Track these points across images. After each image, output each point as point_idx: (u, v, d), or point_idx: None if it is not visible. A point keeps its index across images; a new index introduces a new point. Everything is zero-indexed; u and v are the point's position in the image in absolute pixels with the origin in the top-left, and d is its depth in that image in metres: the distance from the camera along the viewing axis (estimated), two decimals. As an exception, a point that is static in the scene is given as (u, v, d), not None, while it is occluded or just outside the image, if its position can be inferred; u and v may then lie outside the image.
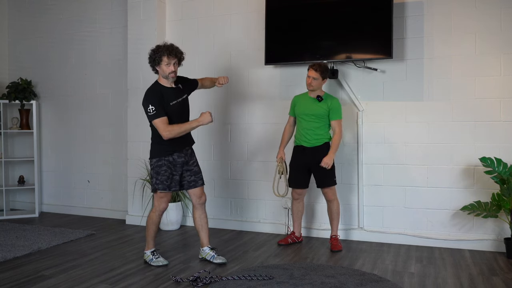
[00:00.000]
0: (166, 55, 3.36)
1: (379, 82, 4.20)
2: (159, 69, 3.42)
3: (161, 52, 3.37)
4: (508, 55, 3.84)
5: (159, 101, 3.33)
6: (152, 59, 3.42)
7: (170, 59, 3.37)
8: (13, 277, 3.21)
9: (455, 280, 3.15)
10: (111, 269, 3.41)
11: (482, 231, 3.91)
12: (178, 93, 3.48)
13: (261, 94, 4.60)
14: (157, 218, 3.51)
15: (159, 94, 3.37)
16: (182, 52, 3.48)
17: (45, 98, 5.77)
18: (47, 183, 5.80)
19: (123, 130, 5.23)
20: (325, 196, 3.94)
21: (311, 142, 3.88)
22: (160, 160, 3.43)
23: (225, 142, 4.80)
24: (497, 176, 3.72)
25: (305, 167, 3.95)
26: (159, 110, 3.31)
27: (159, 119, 3.31)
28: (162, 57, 3.36)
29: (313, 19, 4.21)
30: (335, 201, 3.92)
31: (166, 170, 3.42)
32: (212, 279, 3.08)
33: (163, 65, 3.38)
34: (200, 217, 3.61)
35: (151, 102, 3.33)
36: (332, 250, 3.82)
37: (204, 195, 3.63)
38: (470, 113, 3.94)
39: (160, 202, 3.46)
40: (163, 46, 3.41)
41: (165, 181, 3.42)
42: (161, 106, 3.33)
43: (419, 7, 4.06)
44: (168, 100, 3.39)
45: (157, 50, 3.39)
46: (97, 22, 5.43)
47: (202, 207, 3.62)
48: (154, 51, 3.42)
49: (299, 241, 4.15)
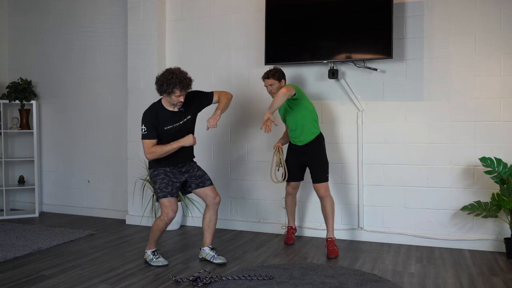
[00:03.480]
0: (179, 89, 3.27)
1: (379, 82, 4.20)
2: (167, 96, 3.35)
3: (175, 84, 3.25)
4: (508, 55, 3.84)
5: (152, 124, 3.35)
6: (163, 88, 3.29)
7: (183, 92, 3.31)
8: (13, 277, 3.21)
9: (455, 280, 3.15)
10: (111, 269, 3.41)
11: (482, 231, 3.91)
12: (177, 117, 3.43)
13: (261, 94, 4.60)
14: (164, 226, 3.47)
15: (155, 117, 3.36)
16: (191, 80, 3.37)
17: (45, 98, 5.77)
18: (47, 183, 5.80)
19: (123, 130, 5.23)
20: (318, 193, 3.85)
21: (301, 141, 3.89)
22: (156, 170, 3.46)
23: (225, 142, 4.80)
24: (497, 176, 3.72)
25: (299, 163, 3.97)
26: (150, 132, 3.34)
27: (147, 141, 3.35)
28: (175, 90, 3.26)
29: (313, 19, 4.21)
30: (328, 197, 3.83)
31: (164, 178, 3.43)
32: (212, 279, 3.08)
33: (173, 96, 3.31)
34: (210, 219, 3.59)
35: (144, 123, 3.36)
36: (328, 257, 3.68)
37: (219, 196, 3.60)
38: (470, 113, 3.94)
39: (167, 210, 3.41)
40: (176, 77, 3.26)
41: (164, 189, 3.42)
42: (153, 128, 3.35)
43: (419, 7, 4.07)
44: (164, 124, 3.38)
45: (170, 82, 3.24)
46: (97, 22, 5.43)
47: (215, 208, 3.59)
48: (166, 82, 3.25)
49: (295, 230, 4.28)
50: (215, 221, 3.62)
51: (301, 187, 4.34)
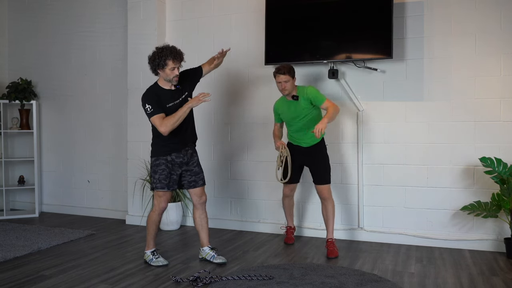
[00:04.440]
0: (172, 59, 3.28)
1: (379, 82, 4.20)
2: (161, 72, 3.36)
3: (166, 55, 3.27)
4: (508, 55, 3.84)
5: (155, 101, 3.35)
6: (156, 62, 3.31)
7: (176, 63, 3.32)
8: (13, 277, 3.21)
9: (455, 280, 3.15)
10: (111, 269, 3.41)
11: (482, 231, 3.91)
12: (176, 95, 3.45)
13: (261, 94, 4.60)
14: (157, 217, 3.51)
15: (155, 95, 3.38)
16: (183, 53, 3.43)
17: (45, 98, 5.77)
18: (47, 183, 5.80)
19: (123, 130, 5.23)
20: (321, 194, 3.85)
21: (307, 142, 3.86)
22: (158, 159, 3.45)
23: (225, 142, 4.80)
24: (497, 176, 3.72)
25: (299, 164, 3.94)
26: (155, 108, 3.33)
27: (156, 116, 3.32)
28: (167, 61, 3.28)
29: (313, 19, 4.21)
30: (330, 199, 3.84)
31: (164, 169, 3.43)
32: (212, 279, 3.08)
33: (167, 69, 3.31)
34: (200, 217, 3.62)
35: (147, 102, 3.34)
36: (328, 257, 3.69)
37: (205, 195, 3.63)
38: (470, 113, 3.94)
39: (159, 201, 3.46)
40: (166, 49, 3.31)
41: (163, 180, 3.42)
42: (158, 104, 3.34)
43: (419, 7, 4.07)
44: (165, 102, 3.39)
45: (161, 54, 3.28)
46: (97, 22, 5.43)
47: (202, 206, 3.62)
48: (157, 54, 3.29)
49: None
50: (206, 219, 3.63)
51: (301, 187, 4.35)
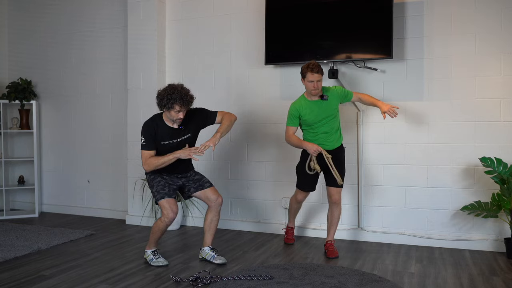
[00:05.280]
0: (179, 105, 3.26)
1: (379, 82, 4.20)
2: (166, 111, 3.35)
3: (175, 100, 3.24)
4: (508, 55, 3.84)
5: (150, 136, 3.37)
6: (163, 102, 3.28)
7: (182, 109, 3.30)
8: (13, 277, 3.21)
9: (455, 280, 3.15)
10: (111, 269, 3.41)
11: (482, 231, 3.91)
12: (176, 134, 3.43)
13: (261, 94, 4.60)
14: (164, 227, 3.46)
15: (153, 130, 3.39)
16: (193, 98, 3.36)
17: (45, 98, 5.77)
18: (47, 183, 5.80)
19: (123, 130, 5.23)
20: (332, 198, 3.76)
21: (332, 144, 3.76)
22: (152, 174, 3.49)
23: (225, 142, 4.80)
24: (497, 176, 3.71)
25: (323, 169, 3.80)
26: (148, 143, 3.37)
27: (145, 152, 3.38)
28: (175, 105, 3.26)
29: (313, 19, 4.21)
30: (339, 205, 3.80)
31: (160, 181, 3.45)
32: (212, 279, 3.08)
33: (172, 112, 3.30)
34: (212, 219, 3.57)
35: (143, 134, 3.40)
36: (328, 257, 3.69)
37: (221, 197, 3.58)
38: (470, 113, 3.94)
39: (167, 212, 3.40)
40: (177, 93, 3.25)
41: (161, 190, 3.43)
42: (151, 140, 3.37)
43: (419, 7, 4.07)
44: (162, 139, 3.40)
45: (171, 96, 3.24)
46: (97, 22, 5.43)
47: (217, 209, 3.57)
48: (167, 96, 3.25)
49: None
50: (217, 222, 3.61)
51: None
